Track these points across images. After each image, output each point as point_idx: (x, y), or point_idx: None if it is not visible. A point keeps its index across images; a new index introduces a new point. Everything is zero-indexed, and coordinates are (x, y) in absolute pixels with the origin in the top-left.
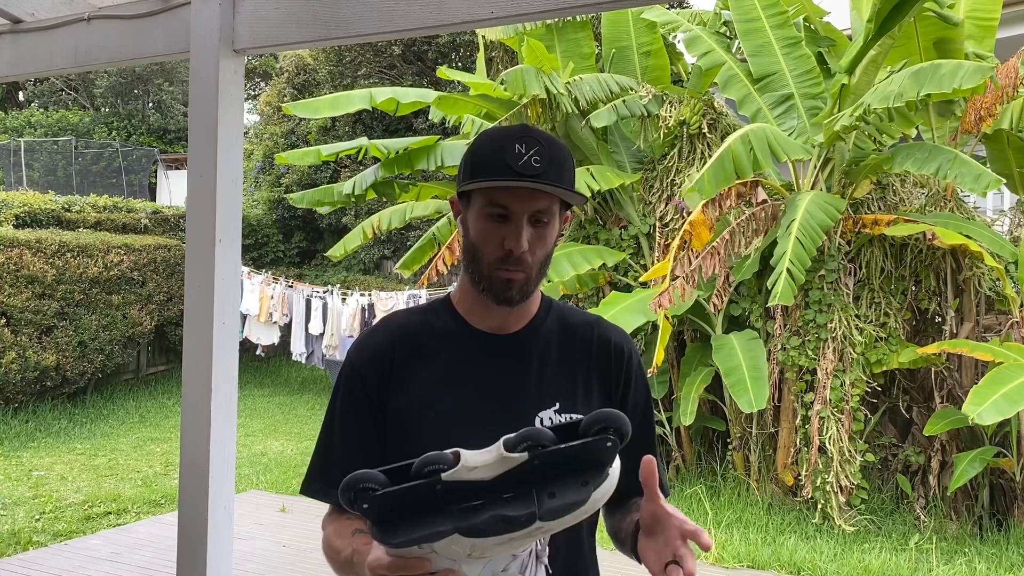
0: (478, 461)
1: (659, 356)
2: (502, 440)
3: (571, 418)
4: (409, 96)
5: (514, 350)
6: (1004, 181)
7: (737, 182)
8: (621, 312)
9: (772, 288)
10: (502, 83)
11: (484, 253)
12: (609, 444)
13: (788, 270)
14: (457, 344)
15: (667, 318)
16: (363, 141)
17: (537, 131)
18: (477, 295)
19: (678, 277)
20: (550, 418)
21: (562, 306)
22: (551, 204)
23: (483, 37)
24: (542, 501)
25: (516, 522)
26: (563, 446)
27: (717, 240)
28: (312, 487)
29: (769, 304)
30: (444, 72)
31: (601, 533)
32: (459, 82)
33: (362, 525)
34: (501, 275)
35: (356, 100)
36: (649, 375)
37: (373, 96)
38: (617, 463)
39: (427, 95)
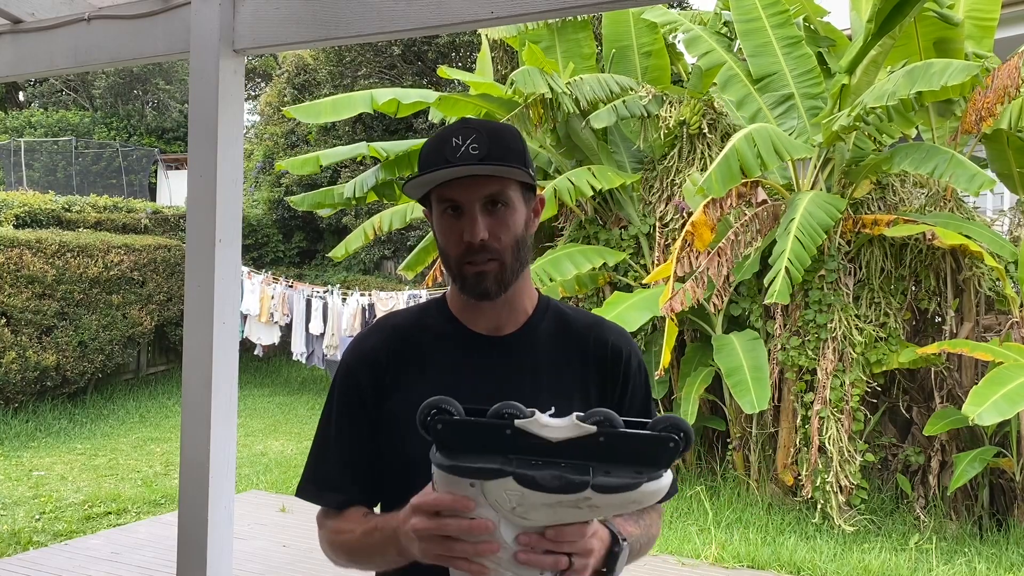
0: (551, 422)
1: (666, 358)
2: (575, 414)
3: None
4: (410, 97)
5: (508, 352)
6: (996, 182)
7: (738, 183)
8: (625, 311)
9: (769, 287)
10: (511, 84)
11: (449, 252)
12: (672, 444)
13: (786, 269)
14: (451, 346)
15: (672, 319)
16: (362, 147)
17: (478, 121)
18: (465, 297)
19: (682, 278)
20: None
21: (562, 306)
22: (503, 188)
23: (486, 36)
24: (596, 474)
25: (570, 484)
26: (630, 432)
27: (723, 241)
28: (307, 489)
29: (766, 302)
30: (444, 71)
31: None
32: (459, 81)
33: (372, 511)
34: (470, 269)
35: (357, 103)
36: (656, 376)
37: (374, 98)
38: (671, 473)
39: (428, 96)
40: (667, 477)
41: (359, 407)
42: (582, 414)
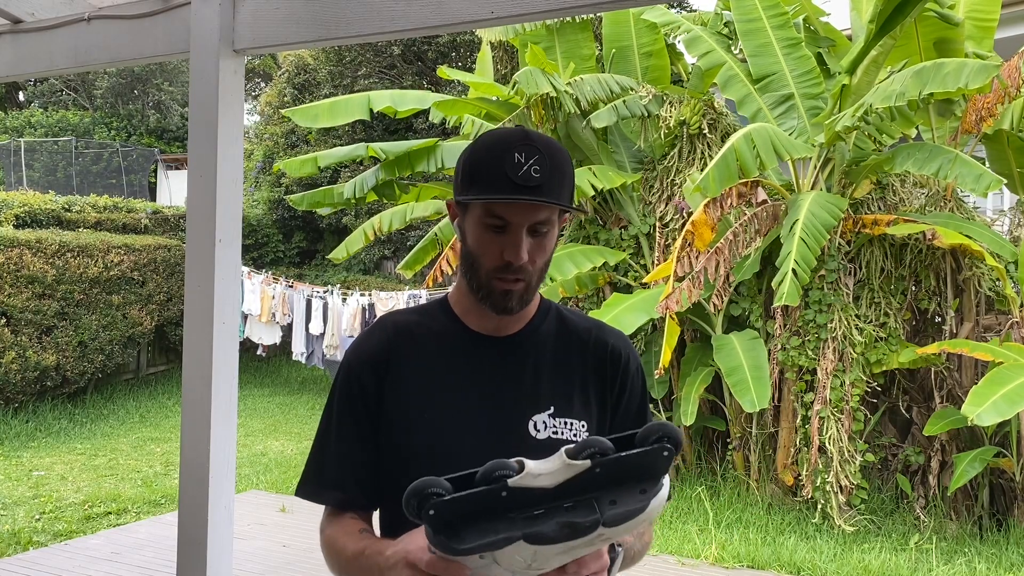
0: (542, 469)
1: (665, 358)
2: (563, 449)
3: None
4: (407, 101)
5: (510, 353)
6: (1005, 181)
7: (738, 182)
8: (624, 312)
9: (777, 289)
10: (514, 85)
11: (482, 263)
12: (666, 454)
13: (793, 271)
14: (453, 346)
15: (672, 319)
16: (360, 149)
17: (536, 136)
18: (472, 296)
19: (682, 278)
20: (544, 422)
21: (563, 309)
22: (551, 214)
23: (486, 37)
24: (604, 508)
25: (580, 528)
26: (624, 454)
27: (721, 241)
28: (307, 488)
29: (775, 305)
30: (444, 72)
31: None
32: (459, 81)
33: (366, 524)
34: (500, 285)
35: (354, 107)
36: (656, 376)
37: (372, 101)
38: (667, 478)
39: (425, 99)
40: (666, 484)
41: (360, 406)
42: (571, 447)
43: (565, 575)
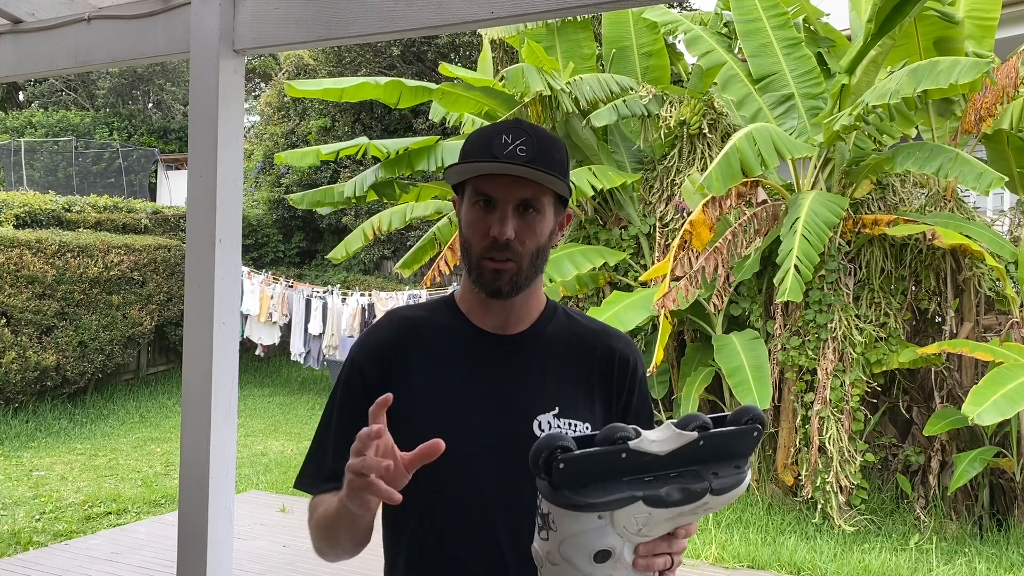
0: (655, 436)
1: (659, 355)
2: (669, 421)
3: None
4: (413, 84)
5: (516, 352)
6: (1006, 179)
7: (738, 182)
8: (623, 310)
9: (779, 285)
10: (502, 79)
11: (473, 243)
12: (756, 434)
13: (796, 267)
14: (459, 343)
15: (667, 317)
16: (363, 141)
17: (529, 124)
18: (475, 291)
19: (679, 277)
20: (548, 422)
21: (569, 311)
22: (539, 194)
23: (487, 36)
24: (709, 478)
25: (693, 494)
26: (725, 430)
27: (720, 240)
28: (305, 480)
29: (777, 301)
30: (445, 68)
31: None
32: (460, 79)
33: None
34: (489, 265)
35: (359, 86)
36: (649, 374)
37: (377, 81)
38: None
39: (431, 86)
40: (750, 462)
41: (364, 399)
42: (675, 421)
43: (675, 537)
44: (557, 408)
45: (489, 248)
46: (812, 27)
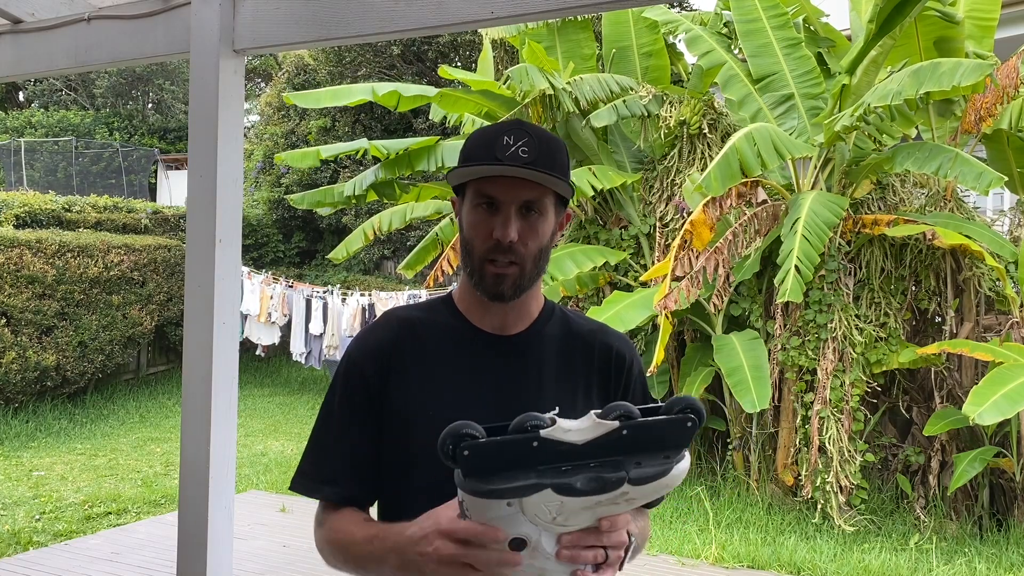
0: (572, 425)
1: (659, 355)
2: (592, 411)
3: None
4: (411, 91)
5: (514, 352)
6: (1006, 179)
7: (738, 182)
8: (624, 309)
9: (780, 285)
10: (506, 80)
11: (475, 245)
12: (689, 424)
13: (796, 267)
14: (457, 343)
15: (668, 317)
16: (363, 143)
17: (530, 125)
18: (474, 292)
19: (680, 277)
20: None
21: (566, 311)
22: (542, 196)
23: (488, 36)
24: (629, 468)
25: (607, 483)
26: (650, 419)
27: (720, 240)
28: (303, 482)
29: (778, 301)
30: (445, 71)
31: None
32: (459, 81)
33: (369, 515)
34: (492, 269)
35: (357, 92)
36: (649, 375)
37: (375, 90)
38: (688, 452)
39: (429, 91)
40: (687, 456)
41: (362, 399)
42: (599, 411)
43: (598, 532)
44: (557, 408)
45: (492, 250)
46: (812, 27)
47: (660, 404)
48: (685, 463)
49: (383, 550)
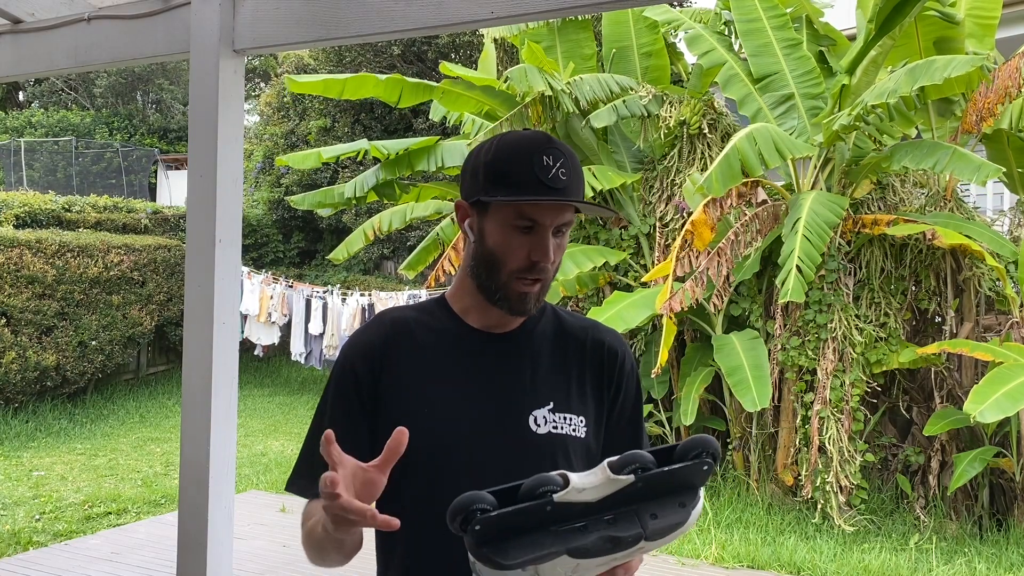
0: (586, 483)
1: (663, 357)
2: (606, 463)
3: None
4: (414, 81)
5: (508, 349)
6: (1003, 169)
7: (738, 182)
8: (624, 309)
9: (782, 285)
10: (505, 80)
11: (506, 263)
12: (705, 468)
13: (798, 267)
14: (451, 342)
15: (671, 319)
16: (363, 144)
17: (557, 141)
18: (476, 295)
19: (682, 278)
20: (543, 417)
21: (558, 309)
22: (573, 216)
23: (489, 36)
24: (645, 522)
25: (623, 543)
26: (667, 469)
27: (723, 241)
28: (298, 483)
29: (780, 301)
30: (446, 67)
31: None
32: (460, 78)
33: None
34: (519, 287)
35: (360, 80)
36: (653, 376)
37: (377, 78)
38: (702, 491)
39: (431, 84)
40: (702, 494)
41: (356, 399)
42: (614, 461)
43: (616, 572)
44: (551, 403)
45: (524, 269)
46: (814, 24)
47: (675, 445)
48: (702, 502)
49: (318, 533)
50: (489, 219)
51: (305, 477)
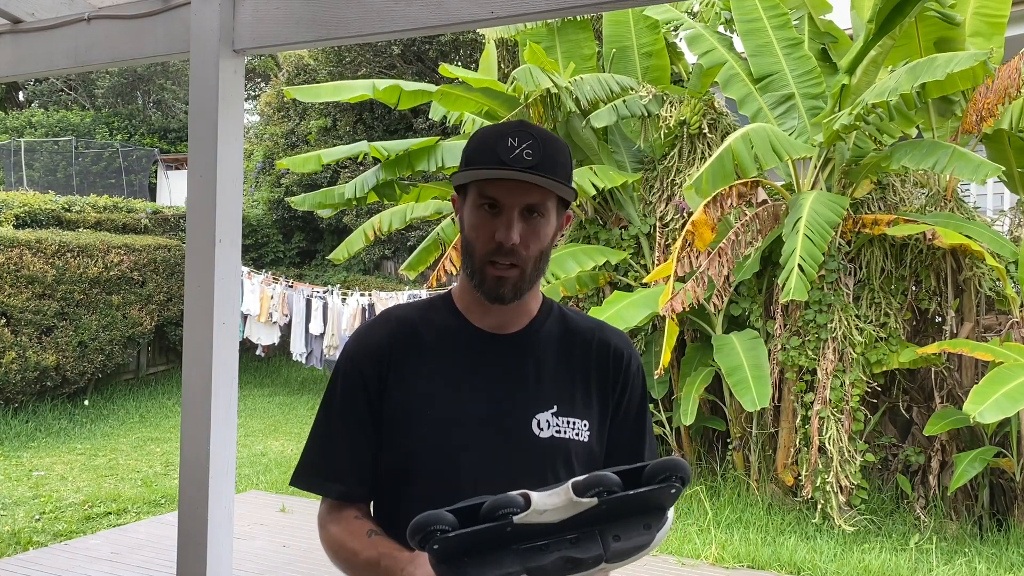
0: (548, 504)
1: (665, 358)
2: (570, 483)
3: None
4: (411, 87)
5: (513, 350)
6: (1003, 168)
7: (738, 182)
8: (624, 309)
9: (784, 285)
10: (511, 81)
11: (476, 246)
12: (673, 491)
13: (800, 266)
14: (456, 342)
15: (673, 319)
16: (363, 145)
17: (534, 126)
18: (473, 292)
19: (682, 278)
20: (547, 420)
21: (565, 309)
22: (544, 199)
23: (490, 36)
24: (607, 543)
25: (583, 564)
26: (632, 492)
27: (724, 241)
28: (305, 478)
29: (782, 300)
30: (445, 69)
31: None
32: (460, 80)
33: (372, 524)
34: (492, 271)
35: (358, 88)
36: (656, 376)
37: (376, 85)
38: (671, 510)
39: (429, 87)
40: (670, 516)
41: (363, 397)
42: (578, 482)
43: None
44: (555, 407)
45: (493, 252)
46: (816, 22)
47: (645, 465)
48: (667, 525)
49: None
50: (466, 205)
51: (312, 472)
